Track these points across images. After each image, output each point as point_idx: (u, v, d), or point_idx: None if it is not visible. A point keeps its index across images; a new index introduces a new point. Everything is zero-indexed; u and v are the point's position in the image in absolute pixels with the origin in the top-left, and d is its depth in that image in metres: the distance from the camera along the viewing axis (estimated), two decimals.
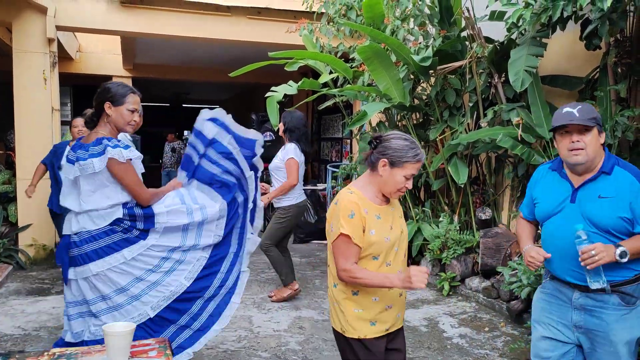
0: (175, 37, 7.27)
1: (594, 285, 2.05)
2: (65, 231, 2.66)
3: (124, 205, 2.63)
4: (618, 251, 2.01)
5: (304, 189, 5.28)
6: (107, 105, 2.63)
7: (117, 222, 2.59)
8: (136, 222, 2.64)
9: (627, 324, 2.12)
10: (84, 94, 12.62)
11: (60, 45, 7.45)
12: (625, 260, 2.00)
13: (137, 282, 2.62)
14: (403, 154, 2.06)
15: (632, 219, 2.07)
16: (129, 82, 10.30)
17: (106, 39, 9.14)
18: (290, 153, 4.79)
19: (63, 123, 7.88)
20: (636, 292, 2.13)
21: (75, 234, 2.59)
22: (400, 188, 2.09)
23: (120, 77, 10.22)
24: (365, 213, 2.05)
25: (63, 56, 8.60)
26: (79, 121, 5.24)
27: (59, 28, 6.66)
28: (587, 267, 2.01)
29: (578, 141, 2.10)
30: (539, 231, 2.42)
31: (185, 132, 7.32)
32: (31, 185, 5.57)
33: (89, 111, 2.81)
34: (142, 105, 2.79)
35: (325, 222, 2.16)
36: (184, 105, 18.57)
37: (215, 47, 8.59)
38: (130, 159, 2.59)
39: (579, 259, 2.03)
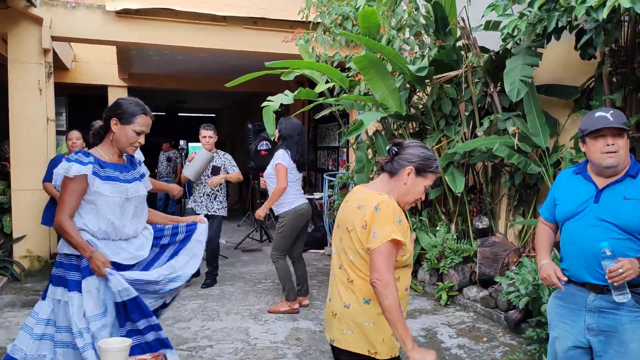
0: (171, 47, 7.28)
1: (620, 299, 2.08)
2: None
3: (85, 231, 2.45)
4: None
5: None
6: (113, 121, 2.50)
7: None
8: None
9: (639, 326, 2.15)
10: (79, 103, 12.64)
11: (55, 55, 7.44)
12: None
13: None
14: (429, 163, 2.04)
15: None
16: (124, 92, 10.31)
17: (102, 48, 9.13)
18: (278, 158, 4.80)
19: (58, 133, 7.86)
20: None
21: None
22: (417, 199, 2.07)
23: (115, 87, 10.21)
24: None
25: (58, 66, 8.59)
26: (74, 134, 5.23)
27: (54, 38, 6.66)
28: (615, 284, 2.04)
29: (613, 144, 2.15)
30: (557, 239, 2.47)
31: (181, 142, 7.28)
32: None
33: (97, 122, 2.70)
34: None
35: (391, 210, 1.94)
36: (179, 114, 18.57)
37: (211, 57, 8.60)
38: (84, 175, 2.40)
39: (606, 276, 2.06)
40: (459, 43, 5.40)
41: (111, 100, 10.28)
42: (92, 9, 6.71)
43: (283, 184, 4.73)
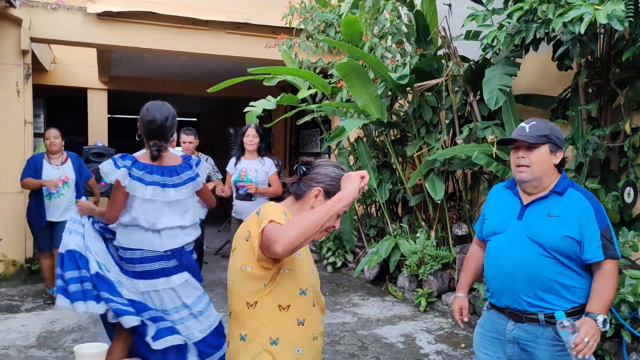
0: (153, 50, 7.22)
1: None
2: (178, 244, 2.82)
3: None
4: (600, 322, 1.89)
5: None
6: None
7: None
8: None
9: None
10: (58, 105, 12.45)
11: (34, 56, 7.33)
12: (607, 326, 1.92)
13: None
14: (340, 184, 1.67)
15: (580, 241, 1.96)
16: (104, 95, 10.21)
17: (82, 50, 9.02)
18: (274, 167, 4.99)
19: (36, 135, 7.74)
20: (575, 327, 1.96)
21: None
22: (329, 227, 1.65)
23: (95, 90, 10.10)
24: None
25: (37, 67, 8.46)
26: (53, 132, 5.10)
27: (33, 40, 6.56)
28: (586, 357, 1.86)
29: (523, 157, 2.03)
30: None
31: None
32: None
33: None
34: (117, 118, 2.82)
35: (270, 208, 1.70)
36: None
37: (193, 61, 8.56)
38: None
39: (572, 352, 1.86)
40: (440, 52, 5.47)
41: (91, 103, 10.17)
42: (73, 10, 6.63)
43: (281, 190, 4.90)
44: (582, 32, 3.21)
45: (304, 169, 1.78)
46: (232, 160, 5.10)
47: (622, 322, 3.19)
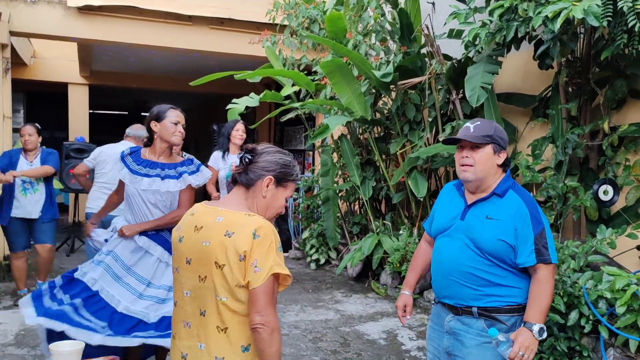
0: (135, 45, 7.14)
1: None
2: None
3: None
4: (536, 332, 1.92)
5: None
6: (152, 124, 2.95)
7: None
8: None
9: (486, 353, 2.02)
10: (38, 100, 12.27)
11: (13, 50, 7.20)
12: (545, 335, 1.95)
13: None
14: (289, 170, 1.77)
15: (514, 245, 1.98)
16: (86, 90, 10.06)
17: (62, 45, 8.89)
18: None
19: (15, 130, 7.61)
20: (508, 322, 2.03)
21: None
22: (278, 213, 1.78)
23: (76, 85, 9.95)
24: None
25: (16, 62, 8.31)
26: (28, 129, 4.97)
27: (13, 33, 6.44)
28: None
29: (467, 157, 2.04)
30: None
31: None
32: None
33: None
34: (99, 113, 2.85)
35: (272, 236, 1.65)
36: (143, 113, 18.23)
37: (176, 56, 8.48)
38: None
39: None
40: (424, 50, 5.49)
41: (71, 98, 10.02)
42: (53, 4, 6.52)
43: None
44: (558, 27, 3.25)
45: (249, 158, 1.74)
46: (217, 153, 4.99)
47: (600, 318, 3.24)
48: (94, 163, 4.71)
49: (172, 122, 2.94)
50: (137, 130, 4.83)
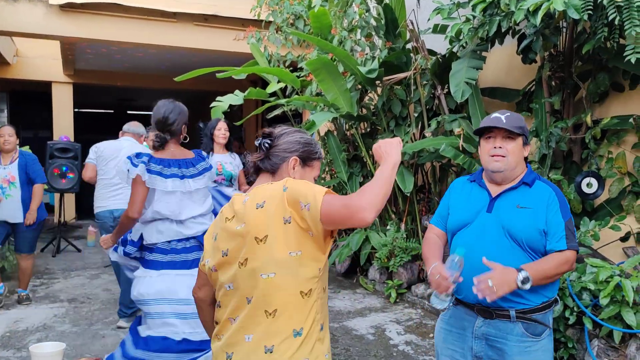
0: (119, 43, 7.08)
1: (436, 303, 1.92)
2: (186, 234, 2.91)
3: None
4: (520, 277, 1.84)
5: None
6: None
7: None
8: None
9: (530, 357, 1.94)
10: (21, 99, 12.11)
11: None
12: (527, 286, 1.84)
13: None
14: (313, 148, 1.69)
15: (546, 231, 1.95)
16: (70, 89, 9.96)
17: (46, 43, 8.78)
18: (241, 164, 4.98)
19: None
20: (545, 320, 1.98)
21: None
22: None
23: (60, 83, 9.85)
24: None
25: None
26: (7, 130, 4.85)
27: None
28: (487, 300, 1.83)
29: (500, 147, 2.01)
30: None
31: None
32: None
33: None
34: (84, 112, 2.84)
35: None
36: (129, 112, 18.08)
37: (161, 54, 8.42)
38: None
39: (473, 289, 1.84)
40: (408, 45, 5.50)
41: (55, 97, 9.90)
42: (35, 2, 6.44)
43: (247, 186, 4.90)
44: (540, 21, 3.27)
45: (269, 143, 1.66)
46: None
47: (584, 309, 3.27)
48: (96, 159, 4.70)
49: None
50: (136, 127, 4.83)
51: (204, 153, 3.19)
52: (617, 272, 3.23)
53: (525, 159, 2.10)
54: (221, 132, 4.93)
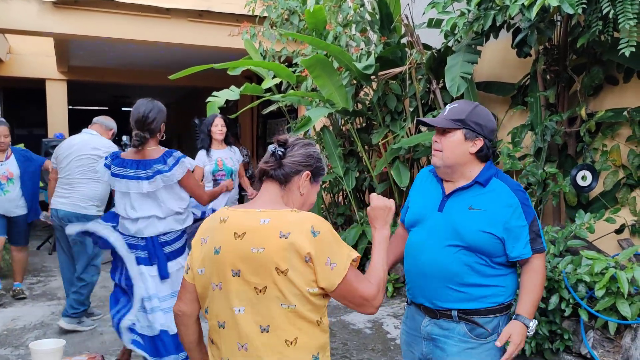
0: (112, 39, 7.04)
1: None
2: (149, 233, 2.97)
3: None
4: (531, 328, 1.83)
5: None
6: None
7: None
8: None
9: (469, 359, 1.86)
10: (15, 97, 12.05)
11: None
12: (534, 325, 1.85)
13: None
14: (322, 165, 1.68)
15: (502, 238, 1.82)
16: (64, 86, 9.91)
17: (39, 40, 8.73)
18: (241, 157, 5.12)
19: None
20: (489, 326, 1.87)
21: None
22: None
23: (54, 80, 9.81)
24: None
25: None
26: (3, 130, 4.82)
27: None
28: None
29: (436, 142, 1.89)
30: None
31: (124, 138, 7.09)
32: None
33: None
34: (78, 109, 2.88)
35: (331, 229, 1.55)
36: (123, 109, 18.02)
37: (155, 50, 8.39)
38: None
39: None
40: (403, 40, 5.50)
41: (49, 94, 9.86)
42: None
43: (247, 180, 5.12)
44: (534, 15, 3.28)
45: (282, 151, 1.61)
46: (202, 152, 4.98)
47: (579, 301, 3.30)
48: (56, 161, 4.47)
49: None
50: (105, 119, 4.69)
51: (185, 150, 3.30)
52: (612, 264, 3.25)
53: (483, 153, 1.89)
54: (218, 127, 4.92)
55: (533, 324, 1.83)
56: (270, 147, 1.63)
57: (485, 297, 1.86)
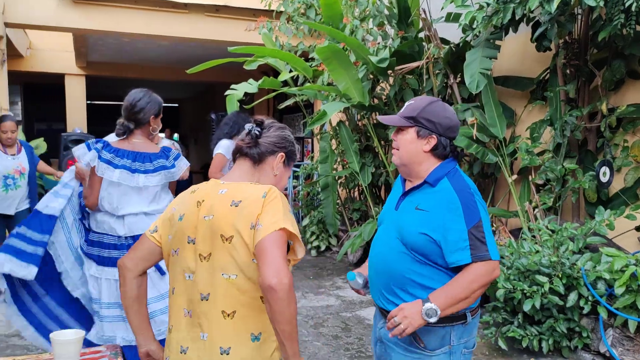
0: (130, 34, 7.11)
1: None
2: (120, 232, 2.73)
3: None
4: (425, 309, 1.61)
5: None
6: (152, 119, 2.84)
7: None
8: None
9: None
10: (35, 92, 12.23)
11: (9, 42, 7.17)
12: (434, 319, 1.61)
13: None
14: (294, 149, 1.70)
15: (439, 240, 1.69)
16: (82, 81, 10.05)
17: (58, 35, 8.86)
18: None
19: None
20: (432, 340, 1.72)
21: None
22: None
23: (73, 75, 9.93)
24: None
25: (12, 53, 8.28)
26: (11, 125, 4.76)
27: (7, 25, 6.42)
28: (398, 337, 1.66)
29: (394, 139, 1.83)
30: None
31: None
32: None
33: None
34: (96, 104, 2.79)
35: (282, 199, 1.53)
36: None
37: (172, 45, 8.45)
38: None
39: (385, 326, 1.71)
40: (421, 34, 5.45)
41: (68, 89, 9.99)
42: None
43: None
44: (554, 9, 3.23)
45: (259, 131, 1.63)
46: (227, 142, 4.75)
47: (599, 298, 3.26)
48: None
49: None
50: None
51: (175, 147, 3.00)
52: (632, 261, 3.21)
53: (439, 151, 1.79)
54: None
55: (429, 306, 1.61)
56: (247, 126, 1.65)
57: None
